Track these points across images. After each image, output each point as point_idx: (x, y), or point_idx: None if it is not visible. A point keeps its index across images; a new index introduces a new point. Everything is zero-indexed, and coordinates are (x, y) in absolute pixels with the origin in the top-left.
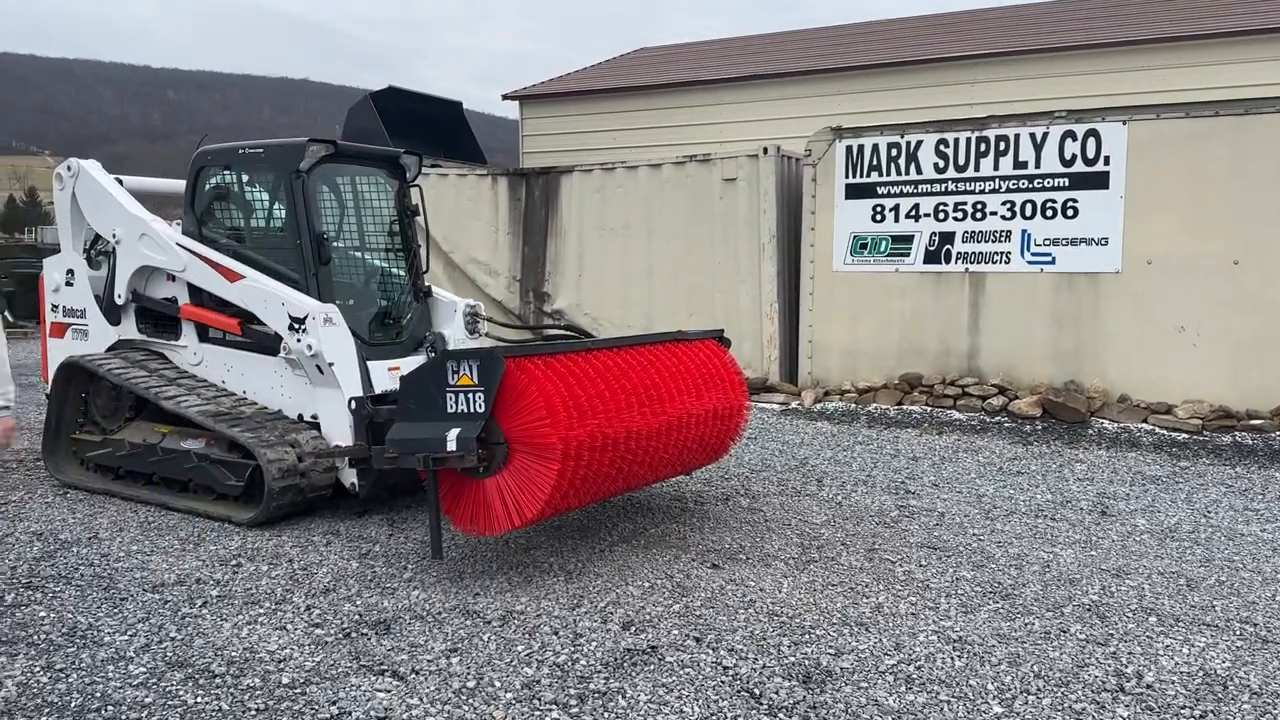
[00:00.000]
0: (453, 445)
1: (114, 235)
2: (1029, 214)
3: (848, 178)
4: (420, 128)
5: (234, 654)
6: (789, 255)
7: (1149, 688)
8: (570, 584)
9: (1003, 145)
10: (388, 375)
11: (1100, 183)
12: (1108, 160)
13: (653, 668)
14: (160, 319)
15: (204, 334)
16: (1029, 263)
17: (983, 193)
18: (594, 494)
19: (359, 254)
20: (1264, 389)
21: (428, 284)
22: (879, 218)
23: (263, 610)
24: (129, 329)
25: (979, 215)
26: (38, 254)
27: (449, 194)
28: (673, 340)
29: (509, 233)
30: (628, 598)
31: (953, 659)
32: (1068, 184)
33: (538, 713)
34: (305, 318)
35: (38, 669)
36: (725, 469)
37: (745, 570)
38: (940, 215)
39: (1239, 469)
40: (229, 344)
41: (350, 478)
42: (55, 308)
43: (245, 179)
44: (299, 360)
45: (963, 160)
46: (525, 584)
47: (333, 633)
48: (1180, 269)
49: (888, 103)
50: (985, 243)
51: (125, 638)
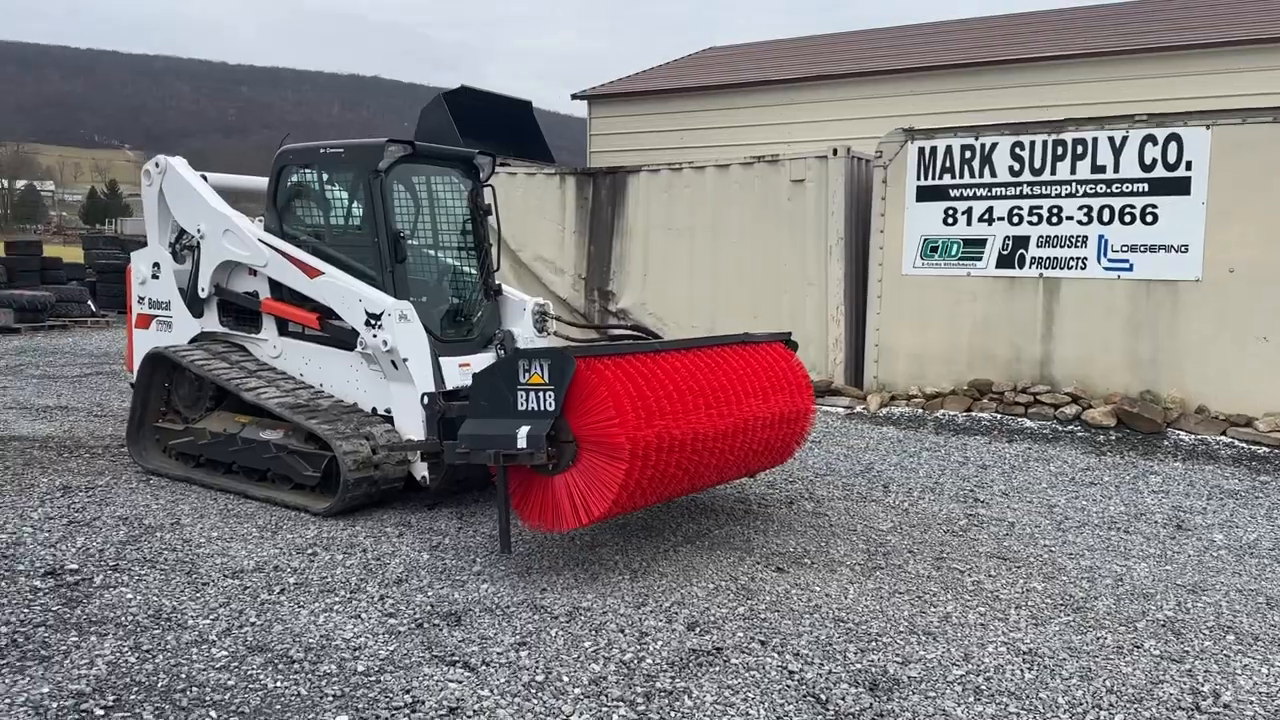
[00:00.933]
0: (523, 443)
1: (199, 230)
2: (1106, 219)
3: (919, 180)
4: (491, 127)
5: (311, 640)
6: (856, 258)
7: (1226, 707)
8: (635, 582)
9: (1080, 149)
10: (459, 371)
11: (1181, 188)
12: (1189, 165)
13: (718, 669)
14: (241, 312)
15: (283, 328)
16: (1105, 269)
17: (1059, 196)
18: (660, 494)
19: (432, 252)
20: None
21: (498, 282)
22: (951, 220)
23: (338, 599)
24: (211, 321)
25: (1054, 219)
26: (121, 246)
27: (517, 193)
28: (740, 342)
29: (575, 231)
30: (692, 598)
31: (1023, 671)
32: (1147, 189)
33: (605, 709)
34: (381, 314)
35: (126, 649)
36: (789, 472)
37: (810, 575)
38: (1014, 219)
39: None
40: (307, 338)
41: (421, 471)
42: (141, 299)
43: (325, 178)
44: (374, 355)
45: (1038, 163)
46: (591, 581)
47: (405, 623)
48: (1264, 278)
49: (958, 104)
50: (1060, 248)
51: (207, 621)
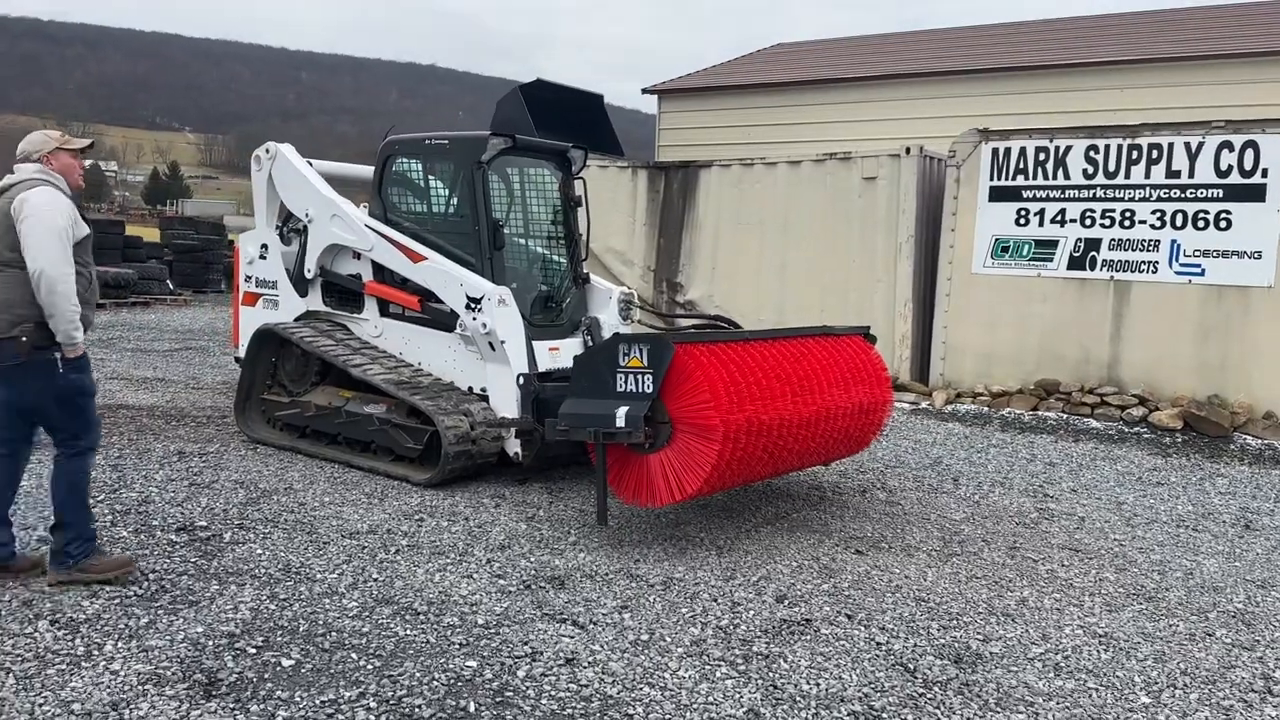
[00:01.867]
0: (621, 422)
1: (307, 214)
2: (1179, 224)
3: (992, 180)
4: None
5: (431, 596)
6: (925, 256)
7: None
8: (722, 558)
9: (1155, 153)
10: (548, 355)
11: (1256, 195)
12: (1265, 173)
13: (809, 638)
14: (344, 293)
15: (384, 309)
16: (1177, 273)
17: (1132, 200)
18: (746, 476)
19: (525, 241)
20: None
21: (586, 271)
22: (1023, 221)
23: (449, 560)
24: (315, 301)
25: (1127, 223)
26: (194, 227)
27: (589, 185)
28: (822, 334)
29: (645, 224)
30: (778, 574)
31: (1099, 652)
32: (1222, 195)
33: (708, 666)
34: (481, 298)
35: (264, 598)
36: (859, 463)
37: (888, 558)
38: (1087, 221)
39: None
40: (407, 319)
41: (514, 447)
42: (249, 279)
43: (429, 167)
44: (473, 337)
45: (1113, 167)
46: (680, 555)
47: (514, 584)
48: None
49: (1031, 105)
50: (1132, 251)
51: (334, 576)
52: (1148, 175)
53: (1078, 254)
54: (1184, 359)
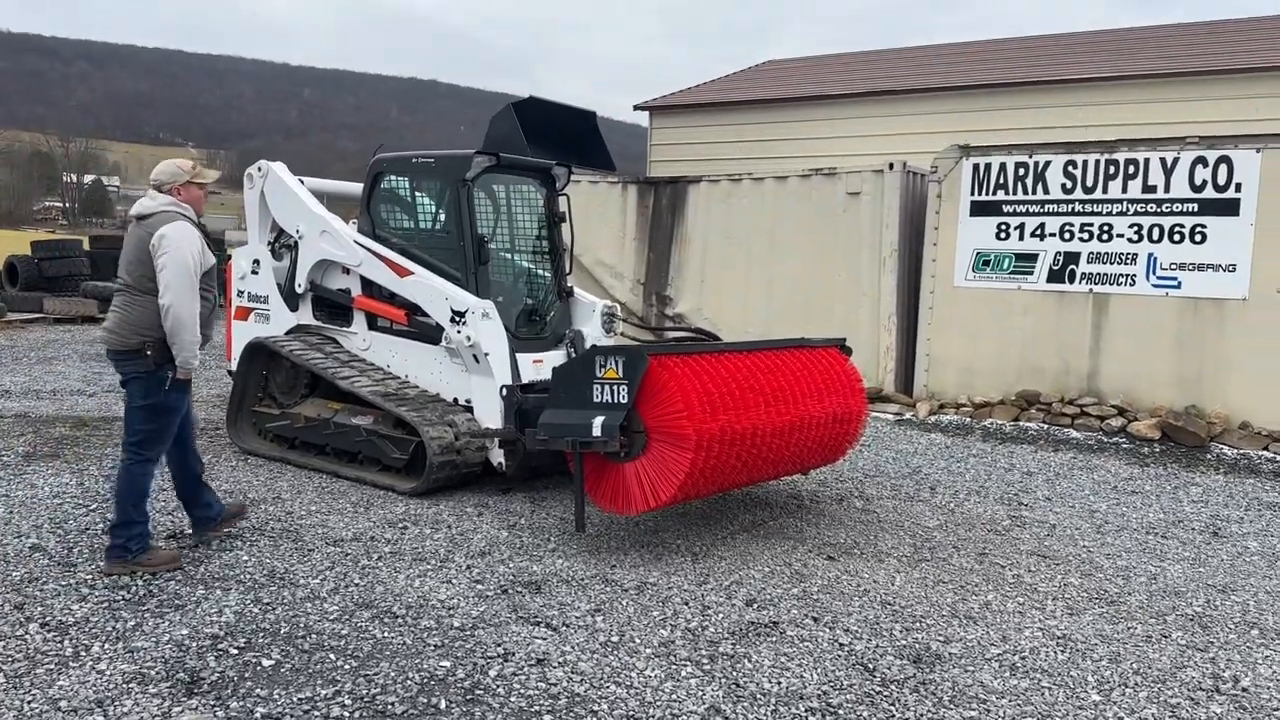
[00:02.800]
0: (598, 431)
1: (298, 231)
2: (1156, 238)
3: (973, 195)
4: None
5: (410, 600)
6: (909, 269)
7: (1244, 690)
8: (697, 564)
9: (1132, 169)
10: (532, 367)
11: (1230, 209)
12: (1239, 187)
13: (775, 639)
14: (334, 307)
15: (372, 322)
16: (1154, 286)
17: (1109, 215)
18: (721, 484)
19: (509, 255)
20: None
21: (570, 285)
22: (1003, 235)
23: (429, 566)
24: (305, 315)
25: (1105, 237)
26: None
27: (580, 199)
28: (797, 346)
29: (635, 238)
30: (749, 579)
31: (1055, 653)
32: (1197, 209)
33: (674, 665)
34: (466, 311)
35: (249, 602)
36: (839, 471)
37: (859, 564)
38: (1066, 235)
39: None
40: (394, 332)
41: (498, 457)
42: (240, 293)
43: (416, 184)
44: (458, 349)
45: (1090, 182)
46: (656, 560)
47: (492, 589)
48: None
49: (1011, 121)
50: (1110, 264)
51: (317, 581)
52: (1125, 190)
53: (1057, 267)
54: (1162, 370)
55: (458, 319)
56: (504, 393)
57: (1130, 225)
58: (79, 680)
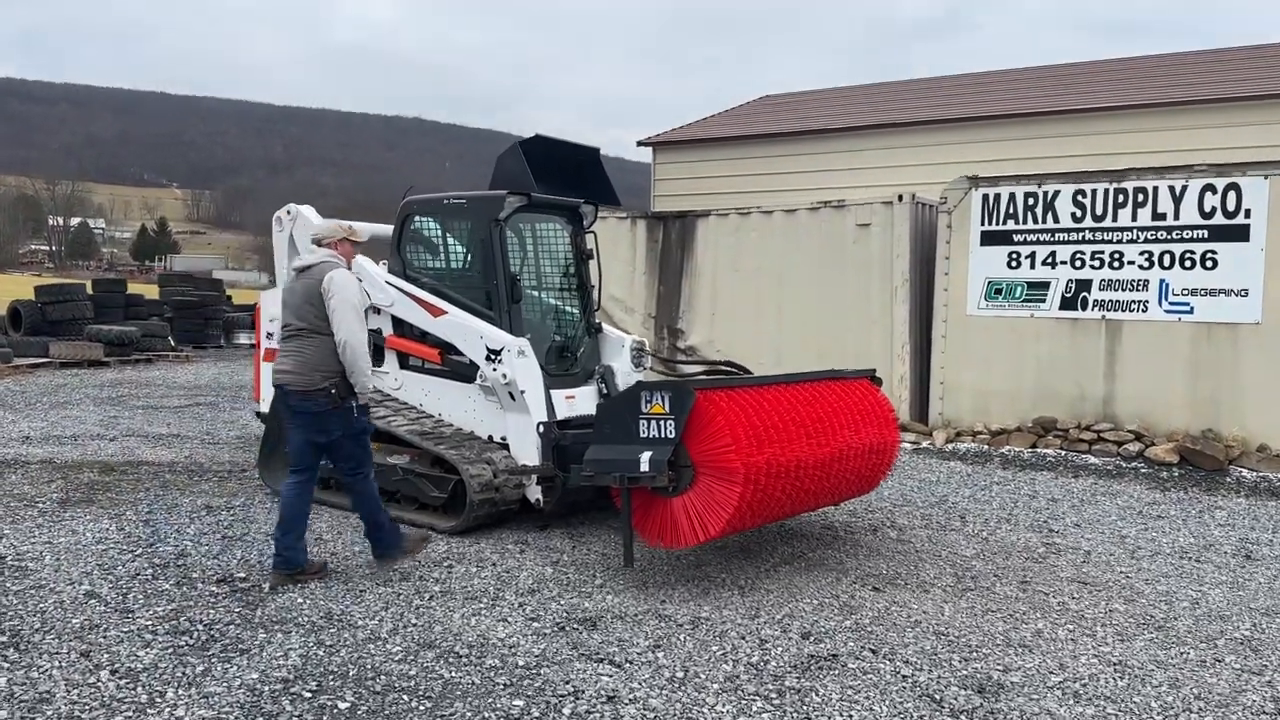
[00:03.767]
0: (646, 466)
1: None
2: (1167, 264)
3: (983, 225)
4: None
5: (470, 639)
6: (920, 298)
7: None
8: (745, 597)
9: (1141, 197)
10: (565, 403)
11: (1240, 235)
12: (1248, 214)
13: (837, 672)
14: None
15: (404, 362)
16: (1166, 311)
17: (1120, 242)
18: (766, 516)
19: (539, 293)
20: None
21: (598, 321)
22: (1014, 264)
23: (482, 605)
24: None
25: (1116, 264)
26: (193, 283)
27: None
28: (830, 378)
29: (645, 272)
30: (800, 612)
31: (1115, 679)
32: (1207, 236)
33: (744, 701)
34: (501, 350)
35: (311, 644)
36: (868, 502)
37: (905, 594)
38: (1077, 263)
39: None
40: (426, 371)
41: (535, 494)
42: (270, 335)
43: (447, 225)
44: (493, 387)
45: (1100, 210)
46: (704, 595)
47: (549, 626)
48: None
49: (1019, 151)
50: (1122, 291)
51: (375, 622)
52: (1134, 218)
53: (1069, 295)
54: (1177, 394)
55: (493, 357)
56: (541, 429)
57: (1141, 252)
58: None
